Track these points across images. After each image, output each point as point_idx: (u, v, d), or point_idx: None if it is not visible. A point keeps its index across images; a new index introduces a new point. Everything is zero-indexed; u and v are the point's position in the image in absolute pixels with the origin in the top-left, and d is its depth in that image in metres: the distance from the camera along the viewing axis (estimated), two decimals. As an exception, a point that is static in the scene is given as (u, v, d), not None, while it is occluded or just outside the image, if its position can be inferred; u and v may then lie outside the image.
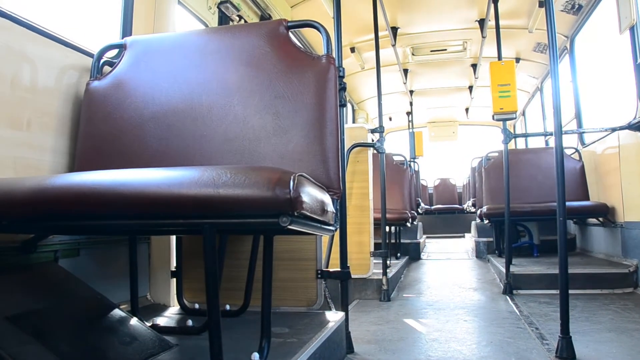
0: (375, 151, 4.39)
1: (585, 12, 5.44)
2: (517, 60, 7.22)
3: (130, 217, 1.41)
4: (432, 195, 14.31)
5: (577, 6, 5.39)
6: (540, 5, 5.46)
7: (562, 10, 5.47)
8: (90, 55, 2.36)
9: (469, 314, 3.64)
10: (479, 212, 6.37)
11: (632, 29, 4.24)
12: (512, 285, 4.45)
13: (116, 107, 2.21)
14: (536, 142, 9.38)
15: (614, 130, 4.80)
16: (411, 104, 9.52)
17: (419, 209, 9.30)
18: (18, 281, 1.82)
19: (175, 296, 2.72)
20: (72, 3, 2.89)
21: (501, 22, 4.82)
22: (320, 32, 2.16)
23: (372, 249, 4.38)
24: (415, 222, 7.42)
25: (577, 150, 6.07)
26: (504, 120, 4.45)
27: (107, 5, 3.01)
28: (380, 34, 4.80)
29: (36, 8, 2.31)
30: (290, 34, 2.16)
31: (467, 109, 10.64)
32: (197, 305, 2.54)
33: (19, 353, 1.49)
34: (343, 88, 2.30)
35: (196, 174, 1.34)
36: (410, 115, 10.05)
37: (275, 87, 2.06)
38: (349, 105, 9.42)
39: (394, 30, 6.31)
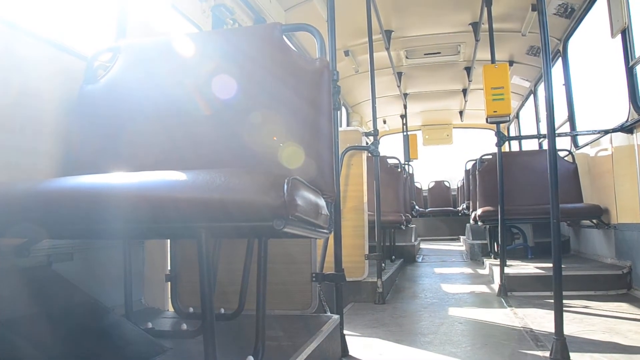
0: (369, 154, 4.39)
1: (578, 15, 5.48)
2: (511, 63, 7.26)
3: (124, 221, 1.40)
4: (427, 198, 14.34)
5: (569, 9, 5.42)
6: (533, 9, 5.50)
7: (554, 14, 5.50)
8: (84, 58, 2.35)
9: (464, 316, 3.65)
10: (473, 214, 6.38)
11: (623, 32, 4.28)
12: (506, 287, 4.46)
13: (110, 111, 2.20)
14: (530, 145, 9.42)
15: (606, 132, 4.83)
16: (405, 107, 9.55)
17: (413, 212, 9.32)
18: (11, 286, 1.81)
19: (169, 300, 2.71)
20: (66, 6, 2.88)
21: (494, 26, 4.85)
22: (314, 36, 2.17)
23: (366, 252, 4.38)
24: (409, 225, 7.43)
25: (570, 153, 6.10)
26: (498, 122, 4.48)
27: (101, 9, 3.01)
28: (374, 37, 4.81)
29: (30, 11, 2.30)
30: (284, 37, 2.16)
31: (461, 112, 10.68)
32: (191, 309, 2.53)
33: (13, 358, 1.48)
34: (337, 91, 2.30)
35: (190, 178, 1.33)
36: (404, 119, 10.07)
37: (269, 91, 2.06)
38: (343, 109, 9.43)
39: (388, 33, 6.33)
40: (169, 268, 2.73)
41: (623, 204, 4.67)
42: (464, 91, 9.08)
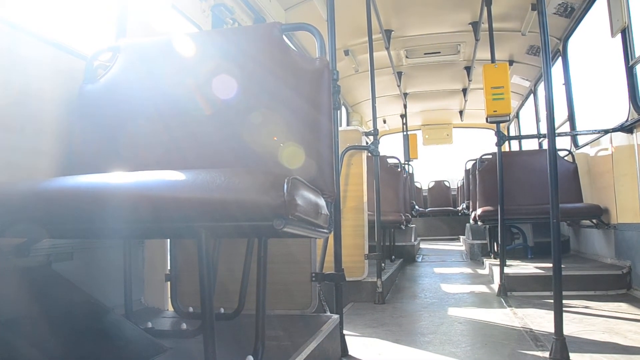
0: (369, 154, 4.39)
1: (578, 15, 5.48)
2: (511, 62, 7.26)
3: (125, 220, 1.40)
4: (427, 198, 14.34)
5: (569, 9, 5.42)
6: (533, 8, 5.50)
7: (554, 13, 5.50)
8: (84, 58, 2.35)
9: (463, 316, 3.65)
10: (473, 214, 6.38)
11: (623, 32, 4.28)
12: (506, 287, 4.46)
13: (110, 111, 2.20)
14: (530, 144, 9.42)
15: (606, 132, 4.83)
16: (405, 106, 9.54)
17: (413, 212, 9.32)
18: (11, 285, 1.81)
19: (169, 299, 2.71)
20: (66, 6, 2.88)
21: (494, 25, 4.85)
22: (314, 35, 2.16)
23: (366, 252, 4.38)
24: (409, 225, 7.43)
25: (570, 152, 6.10)
26: (498, 122, 4.48)
27: (101, 9, 3.00)
28: (374, 36, 4.81)
29: (30, 11, 2.30)
30: (284, 37, 2.16)
31: (461, 112, 10.67)
32: (191, 309, 2.53)
33: (13, 358, 1.48)
34: (337, 91, 2.30)
35: (190, 178, 1.33)
36: (404, 118, 10.07)
37: (269, 90, 2.06)
38: (343, 108, 9.43)
39: (388, 33, 6.32)
40: (168, 268, 2.73)
41: (623, 204, 4.67)
42: (464, 91, 9.08)
